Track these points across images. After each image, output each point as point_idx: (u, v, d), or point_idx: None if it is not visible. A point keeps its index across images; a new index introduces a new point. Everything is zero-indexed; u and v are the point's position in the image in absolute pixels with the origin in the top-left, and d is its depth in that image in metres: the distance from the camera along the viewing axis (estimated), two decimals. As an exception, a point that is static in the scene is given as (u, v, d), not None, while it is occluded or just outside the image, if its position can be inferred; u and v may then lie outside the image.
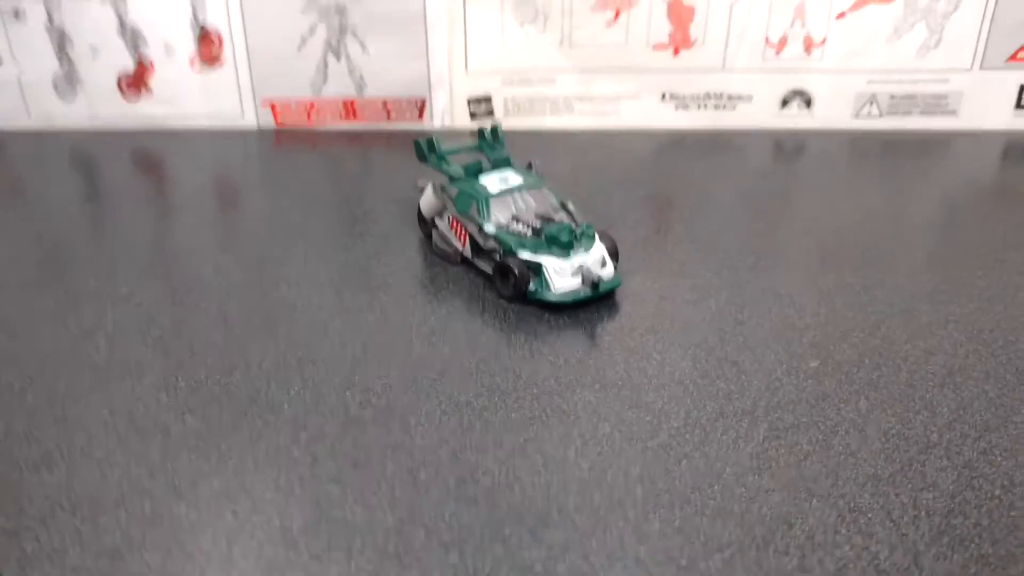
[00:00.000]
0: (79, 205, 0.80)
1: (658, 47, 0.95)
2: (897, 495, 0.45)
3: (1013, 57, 0.93)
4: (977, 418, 0.51)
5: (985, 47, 0.93)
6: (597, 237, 0.64)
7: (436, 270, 0.68)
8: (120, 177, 0.87)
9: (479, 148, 0.74)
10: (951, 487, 0.45)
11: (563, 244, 0.62)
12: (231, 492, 0.46)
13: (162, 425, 0.51)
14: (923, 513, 0.44)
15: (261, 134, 0.96)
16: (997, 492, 0.45)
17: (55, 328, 0.60)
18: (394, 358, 0.57)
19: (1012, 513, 0.44)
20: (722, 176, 0.84)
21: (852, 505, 0.44)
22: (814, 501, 0.45)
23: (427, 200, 0.71)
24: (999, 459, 0.47)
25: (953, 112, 0.95)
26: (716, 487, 0.46)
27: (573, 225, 0.64)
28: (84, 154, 0.93)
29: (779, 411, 0.51)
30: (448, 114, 0.97)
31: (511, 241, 0.63)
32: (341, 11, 0.93)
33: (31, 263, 0.69)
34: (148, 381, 0.55)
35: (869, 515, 0.44)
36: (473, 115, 0.98)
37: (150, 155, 0.92)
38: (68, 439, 0.50)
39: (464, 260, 0.68)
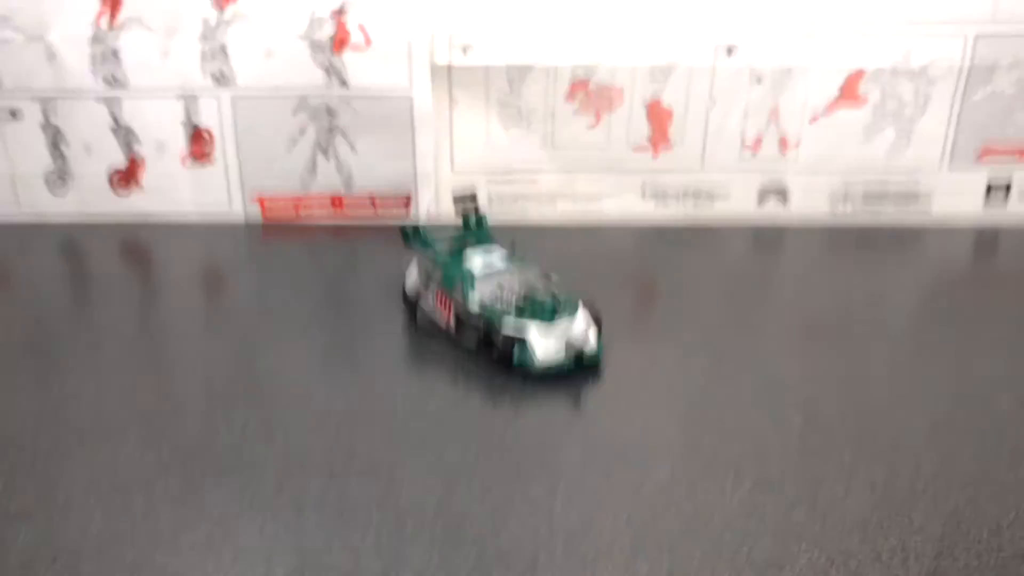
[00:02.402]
0: (66, 295, 0.81)
1: (638, 149, 0.98)
2: (886, 539, 0.45)
3: (980, 157, 0.96)
4: (961, 470, 0.51)
5: (952, 147, 0.96)
6: (580, 307, 0.65)
7: (421, 347, 0.68)
8: (108, 268, 0.88)
9: (464, 237, 0.75)
10: (939, 531, 0.45)
11: (546, 315, 0.63)
12: (214, 542, 0.45)
13: (144, 482, 0.51)
14: (912, 556, 0.44)
15: (249, 228, 0.97)
16: (984, 535, 0.45)
17: (37, 394, 0.60)
18: (378, 424, 0.57)
19: (1001, 554, 0.44)
20: (702, 267, 0.86)
21: (841, 548, 0.44)
22: (803, 545, 0.45)
23: (412, 279, 0.72)
24: (985, 506, 0.47)
25: (925, 209, 0.98)
26: (704, 533, 0.46)
27: (555, 296, 0.65)
28: (73, 246, 0.94)
29: (765, 465, 0.51)
30: (434, 208, 0.99)
31: (495, 315, 0.64)
32: (331, 113, 0.95)
33: (16, 351, 0.69)
34: (131, 443, 0.55)
35: (859, 558, 0.44)
36: (458, 211, 1.00)
37: (138, 247, 0.93)
38: (49, 495, 0.49)
39: (449, 335, 0.68)
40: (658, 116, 0.97)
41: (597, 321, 0.66)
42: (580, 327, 0.64)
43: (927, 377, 0.62)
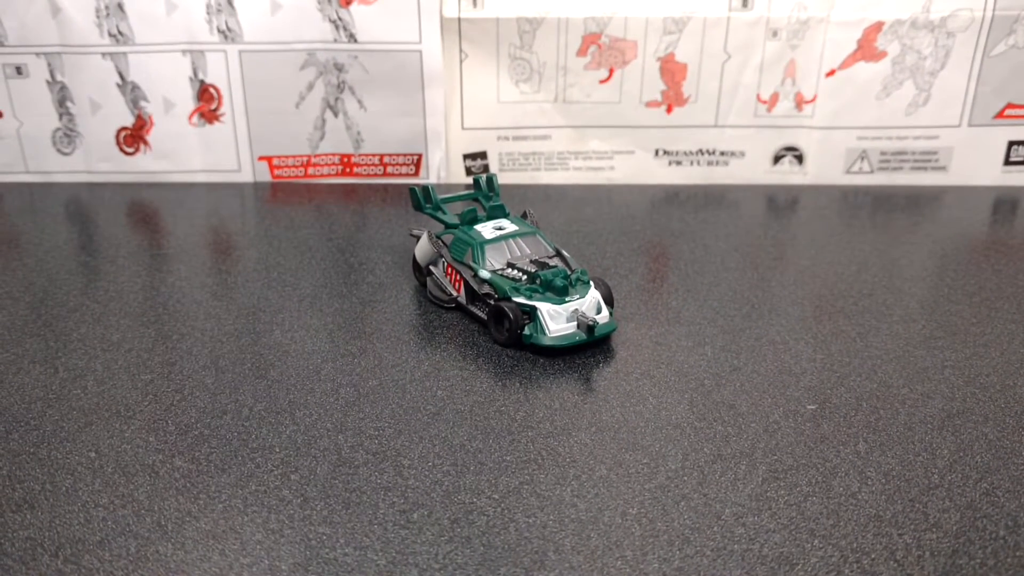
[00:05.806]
0: (73, 254, 0.80)
1: (651, 104, 0.96)
2: (900, 535, 0.44)
3: (1000, 114, 0.94)
4: (978, 460, 0.50)
5: (973, 104, 0.94)
6: (592, 283, 0.64)
7: (430, 317, 0.67)
8: (114, 228, 0.87)
9: (474, 197, 0.74)
10: (955, 527, 0.45)
11: (558, 288, 0.62)
12: (219, 533, 0.45)
13: (150, 466, 0.50)
14: (927, 553, 0.43)
15: (257, 188, 0.96)
16: (1002, 533, 0.44)
17: (44, 371, 0.60)
18: (387, 401, 0.56)
19: (1018, 553, 0.43)
20: (716, 229, 0.85)
21: (855, 546, 0.44)
22: (816, 541, 0.44)
23: (422, 248, 0.71)
24: (1002, 500, 0.47)
25: (943, 168, 0.96)
26: (715, 527, 0.45)
27: (568, 270, 0.64)
28: (80, 206, 0.93)
29: (777, 453, 0.51)
30: (444, 169, 0.98)
31: (506, 286, 0.63)
32: (340, 68, 0.94)
33: (22, 310, 0.68)
34: (136, 423, 0.54)
35: (872, 555, 0.43)
36: (469, 170, 0.98)
37: (145, 207, 0.92)
38: (52, 480, 0.49)
39: (459, 306, 0.67)
40: (671, 71, 0.95)
41: (608, 297, 0.65)
42: (591, 302, 0.63)
43: (944, 360, 0.61)
